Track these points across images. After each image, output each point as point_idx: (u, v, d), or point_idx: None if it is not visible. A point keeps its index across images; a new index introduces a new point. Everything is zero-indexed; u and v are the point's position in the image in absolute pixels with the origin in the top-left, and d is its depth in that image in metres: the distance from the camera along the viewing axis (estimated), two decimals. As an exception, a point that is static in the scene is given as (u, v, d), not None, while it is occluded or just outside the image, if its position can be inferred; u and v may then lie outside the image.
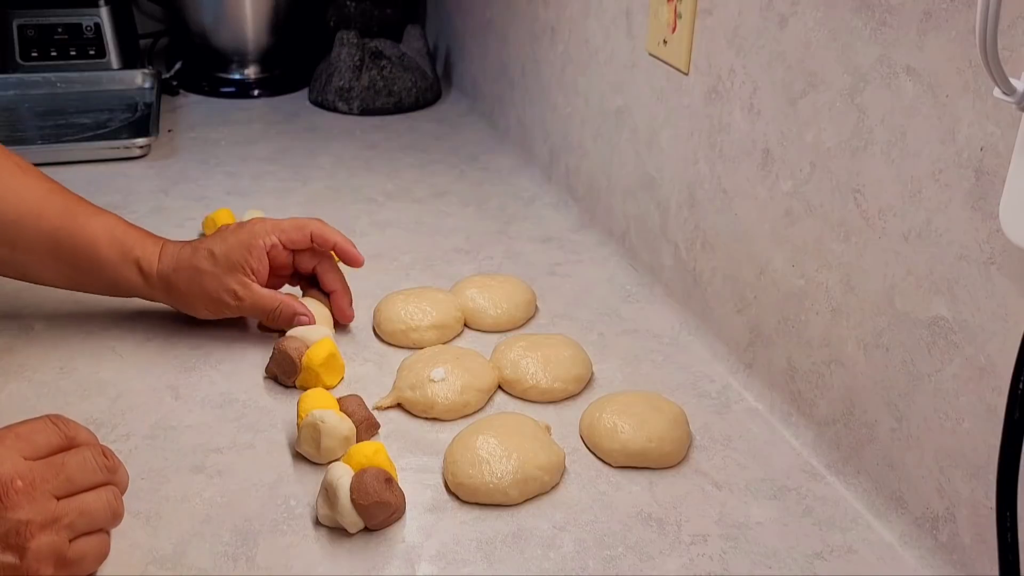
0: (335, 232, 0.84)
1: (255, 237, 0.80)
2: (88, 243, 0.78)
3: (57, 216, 0.78)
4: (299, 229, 0.82)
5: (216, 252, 0.79)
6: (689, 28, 0.84)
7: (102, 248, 0.78)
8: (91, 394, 0.76)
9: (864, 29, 0.64)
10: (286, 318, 0.80)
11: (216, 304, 0.80)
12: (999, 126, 0.54)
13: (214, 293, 0.79)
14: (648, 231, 0.95)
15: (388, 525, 0.64)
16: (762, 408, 0.77)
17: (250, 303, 0.80)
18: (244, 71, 1.53)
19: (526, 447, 0.67)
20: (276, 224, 0.81)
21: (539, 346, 0.80)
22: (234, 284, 0.79)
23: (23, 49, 1.43)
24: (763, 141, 0.76)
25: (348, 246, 0.84)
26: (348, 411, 0.70)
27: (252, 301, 0.80)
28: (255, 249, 0.79)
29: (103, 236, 0.79)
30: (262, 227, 0.81)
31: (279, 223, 0.82)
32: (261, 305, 0.80)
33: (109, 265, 0.79)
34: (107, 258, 0.79)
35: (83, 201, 0.81)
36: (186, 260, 0.79)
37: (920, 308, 0.62)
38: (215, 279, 0.79)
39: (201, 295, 0.80)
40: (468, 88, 1.48)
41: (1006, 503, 0.46)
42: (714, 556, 0.62)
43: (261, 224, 0.81)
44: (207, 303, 0.80)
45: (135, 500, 0.65)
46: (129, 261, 0.79)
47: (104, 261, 0.79)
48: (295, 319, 0.80)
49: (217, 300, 0.79)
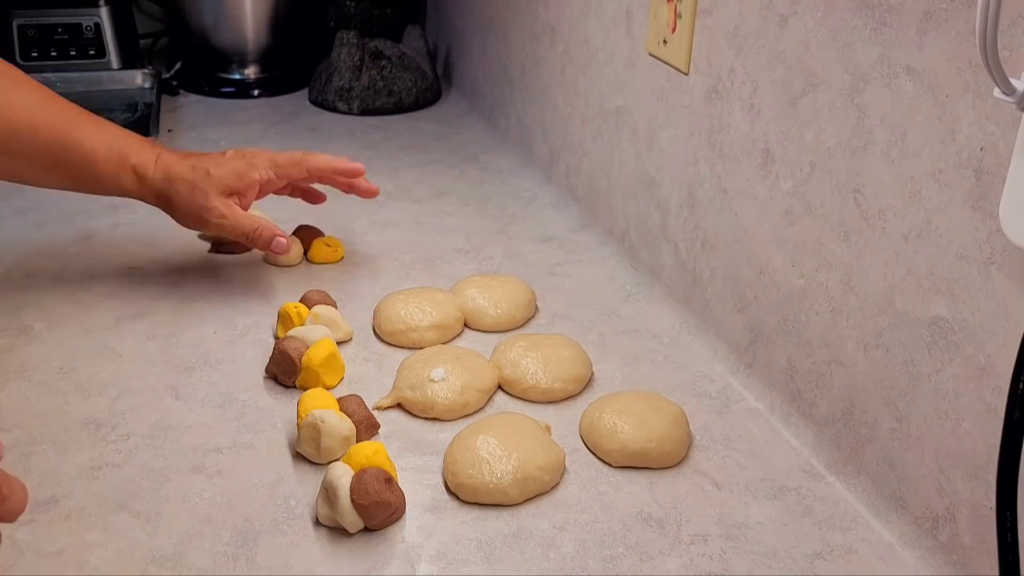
0: (328, 159, 0.90)
1: (252, 170, 0.86)
2: (86, 154, 0.82)
3: (53, 128, 0.81)
4: (295, 164, 0.88)
5: (212, 172, 0.84)
6: (689, 28, 0.84)
7: (99, 158, 0.82)
8: (91, 394, 0.76)
9: (864, 29, 0.64)
10: (264, 240, 0.86)
11: (200, 219, 0.85)
12: (999, 126, 0.54)
13: (200, 208, 0.84)
14: (648, 231, 0.95)
15: (388, 525, 0.64)
16: (762, 408, 0.77)
17: (231, 222, 0.85)
18: (244, 71, 1.53)
19: (526, 447, 0.67)
20: (273, 159, 0.87)
21: (539, 346, 0.80)
22: (219, 204, 0.84)
23: (23, 49, 1.43)
24: (763, 141, 0.76)
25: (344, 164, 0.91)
26: (348, 411, 0.70)
27: (234, 221, 0.85)
28: (248, 180, 0.85)
29: (100, 146, 0.82)
30: (260, 160, 0.87)
31: (276, 157, 0.88)
32: (241, 225, 0.86)
33: (107, 174, 0.83)
34: (104, 168, 0.83)
35: (79, 110, 0.84)
36: (182, 173, 0.84)
37: (920, 308, 0.62)
38: (205, 196, 0.84)
39: (188, 207, 0.84)
40: (468, 88, 1.48)
41: (1006, 503, 0.46)
42: (714, 556, 0.62)
43: (259, 158, 0.87)
44: (192, 214, 0.85)
45: (135, 500, 0.65)
46: (126, 169, 0.83)
47: (102, 171, 0.83)
48: (273, 241, 0.86)
49: (201, 216, 0.85)
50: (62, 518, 0.63)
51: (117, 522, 0.63)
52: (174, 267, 0.96)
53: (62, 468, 0.68)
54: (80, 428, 0.72)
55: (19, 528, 0.62)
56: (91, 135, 0.82)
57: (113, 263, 0.96)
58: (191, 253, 0.98)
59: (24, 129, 0.80)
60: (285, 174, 0.88)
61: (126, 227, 1.03)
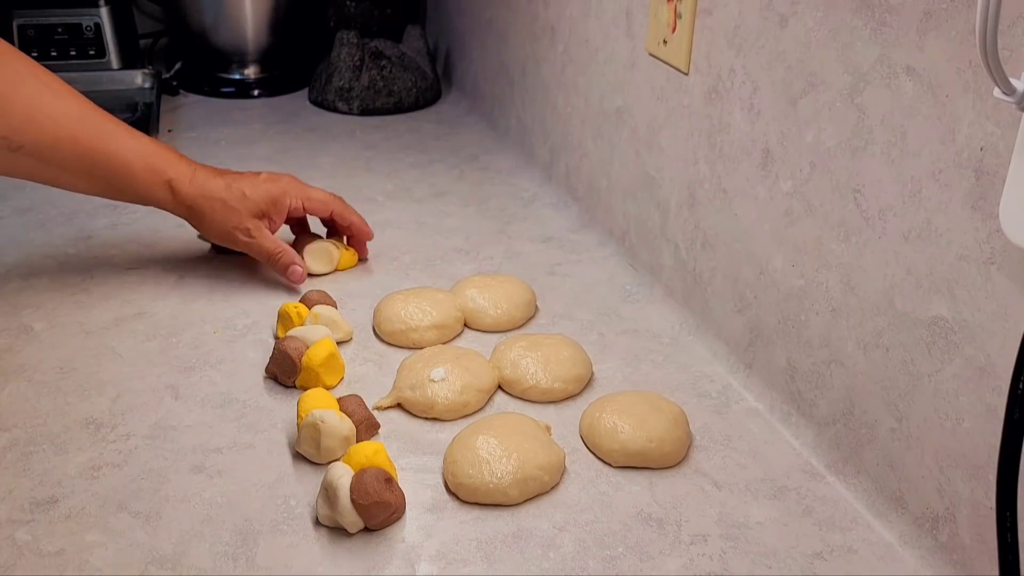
0: (353, 213, 0.96)
1: (285, 196, 0.91)
2: (123, 165, 0.85)
3: (92, 139, 0.84)
4: (324, 204, 0.94)
5: (248, 194, 0.89)
6: (689, 28, 0.84)
7: (136, 170, 0.86)
8: (91, 394, 0.76)
9: (864, 29, 0.64)
10: (283, 266, 0.91)
11: (229, 235, 0.90)
12: (999, 126, 0.54)
13: (231, 227, 0.89)
14: (648, 231, 0.95)
15: (388, 525, 0.64)
16: (762, 408, 0.77)
17: (258, 243, 0.90)
18: (244, 71, 1.53)
19: (526, 447, 0.67)
20: (304, 192, 0.93)
21: (539, 346, 0.80)
22: (250, 225, 0.89)
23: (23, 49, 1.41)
24: (763, 141, 0.76)
25: (363, 225, 0.97)
26: (348, 411, 0.70)
27: (259, 242, 0.90)
28: (280, 207, 0.91)
29: (137, 159, 0.86)
30: (293, 189, 0.92)
31: (308, 192, 0.93)
32: (265, 248, 0.90)
33: (142, 185, 0.87)
34: (141, 179, 0.86)
35: (118, 123, 0.87)
36: (218, 192, 0.88)
37: (920, 308, 0.62)
38: (237, 216, 0.89)
39: (220, 224, 0.89)
40: (468, 88, 1.48)
41: (1006, 503, 0.46)
42: (714, 556, 0.62)
43: (292, 185, 0.92)
44: (221, 232, 0.90)
45: (135, 500, 0.65)
46: (161, 182, 0.87)
47: (138, 181, 0.86)
48: (289, 269, 0.90)
49: (231, 233, 0.90)
50: (62, 518, 0.63)
51: (117, 522, 0.63)
52: (174, 267, 0.96)
53: (62, 468, 0.68)
54: (80, 428, 0.72)
55: (19, 528, 0.62)
56: (129, 147, 0.86)
57: (113, 263, 0.96)
58: (191, 253, 0.98)
59: (65, 139, 0.82)
60: (311, 208, 0.93)
61: (126, 227, 1.03)
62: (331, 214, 0.94)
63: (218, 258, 0.97)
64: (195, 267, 0.96)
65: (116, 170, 0.85)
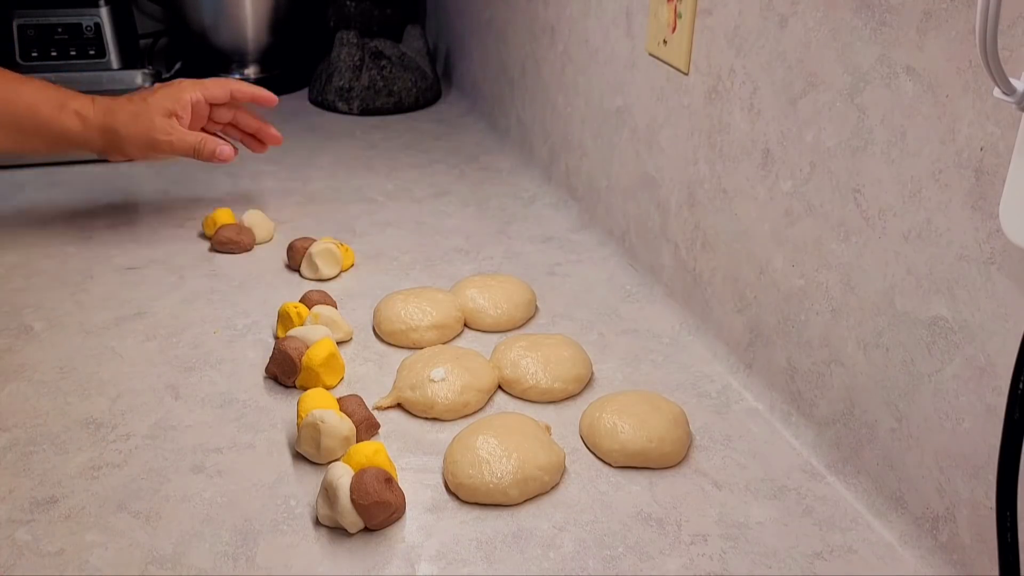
0: (251, 86, 1.00)
1: (182, 91, 0.95)
2: (27, 105, 0.89)
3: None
4: (220, 86, 0.97)
5: (148, 99, 0.93)
6: (689, 28, 0.84)
7: (41, 107, 0.90)
8: (91, 394, 0.76)
9: (864, 29, 0.64)
10: (208, 151, 0.93)
11: (148, 141, 0.92)
12: (999, 126, 0.54)
13: (147, 131, 0.92)
14: (648, 231, 0.95)
15: (388, 525, 0.64)
16: (762, 408, 0.77)
17: (177, 138, 0.93)
18: (244, 71, 1.53)
19: (526, 447, 0.67)
20: (198, 82, 0.96)
21: (539, 346, 0.80)
22: (163, 123, 0.92)
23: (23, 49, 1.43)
24: (763, 141, 0.76)
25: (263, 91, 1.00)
26: (348, 411, 0.70)
27: (179, 137, 0.93)
28: (181, 100, 0.94)
29: (39, 96, 0.90)
30: (187, 84, 0.96)
31: (202, 82, 0.97)
32: (186, 140, 0.93)
33: (51, 120, 0.90)
34: (48, 114, 0.90)
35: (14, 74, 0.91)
36: (121, 106, 0.92)
37: (920, 308, 0.62)
38: (148, 119, 0.92)
39: (135, 134, 0.92)
40: (468, 88, 1.48)
41: (1006, 503, 0.46)
42: (714, 556, 0.62)
43: (187, 82, 0.96)
44: (140, 141, 0.92)
45: (135, 500, 0.65)
46: (68, 112, 0.91)
47: (46, 117, 0.90)
48: (217, 150, 0.93)
49: (149, 137, 0.92)
50: (62, 518, 0.63)
51: (117, 522, 0.63)
52: (174, 267, 0.96)
53: (62, 468, 0.68)
54: (80, 428, 0.72)
55: (19, 528, 0.62)
56: (31, 89, 0.90)
57: (113, 263, 0.96)
58: (191, 253, 0.98)
59: None
60: (211, 94, 0.96)
61: (126, 227, 1.03)
62: (230, 93, 0.97)
63: (218, 258, 0.97)
64: (195, 267, 0.96)
65: (23, 111, 0.89)
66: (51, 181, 1.14)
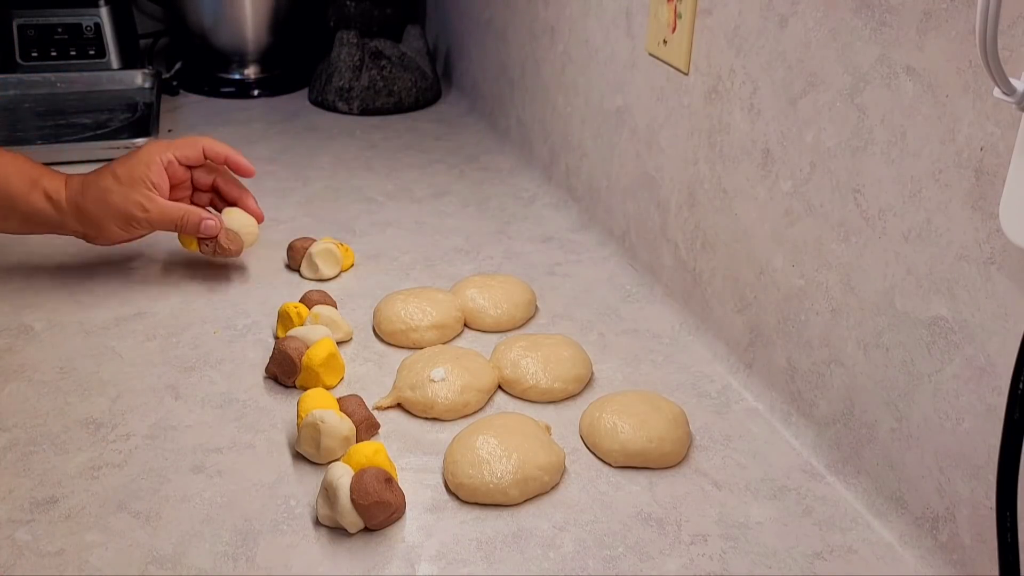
0: (225, 146, 0.91)
1: (152, 155, 0.86)
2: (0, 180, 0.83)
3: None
4: (191, 145, 0.89)
5: (118, 172, 0.85)
6: (689, 28, 0.84)
7: (12, 182, 0.83)
8: (91, 394, 0.76)
9: (864, 29, 0.64)
10: (192, 225, 0.86)
11: (126, 218, 0.85)
12: (999, 126, 0.54)
13: (122, 207, 0.84)
14: (648, 231, 0.95)
15: (388, 525, 0.64)
16: (762, 408, 0.77)
17: (157, 213, 0.86)
18: (244, 71, 1.53)
19: (526, 447, 0.67)
20: (169, 143, 0.88)
21: (539, 346, 0.80)
22: (139, 197, 0.85)
23: (23, 49, 1.43)
24: (763, 141, 0.76)
25: (238, 157, 0.91)
26: (348, 411, 0.70)
27: (159, 211, 0.86)
28: (153, 165, 0.85)
29: (11, 170, 0.84)
30: (157, 147, 0.87)
31: (172, 142, 0.89)
32: (168, 214, 0.86)
33: (20, 197, 0.84)
34: (17, 190, 0.83)
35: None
36: (92, 183, 0.85)
37: (920, 308, 0.62)
38: (121, 195, 0.84)
39: (111, 212, 0.85)
40: (468, 88, 1.48)
41: (1006, 503, 0.46)
42: (714, 556, 0.62)
43: (156, 144, 0.88)
44: (117, 219, 0.85)
45: (135, 500, 0.65)
46: (38, 191, 0.84)
47: (15, 194, 0.83)
48: (201, 224, 0.86)
49: (126, 214, 0.85)
50: (62, 518, 0.63)
51: (117, 522, 0.63)
52: (174, 267, 0.96)
53: (62, 468, 0.68)
54: (80, 428, 0.72)
55: (19, 528, 0.62)
56: (4, 163, 0.84)
57: (113, 263, 0.96)
58: (191, 253, 0.98)
59: None
60: (183, 154, 0.88)
61: (126, 227, 1.03)
62: (202, 150, 0.89)
63: (218, 258, 0.97)
64: (195, 267, 0.96)
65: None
66: (51, 181, 1.14)
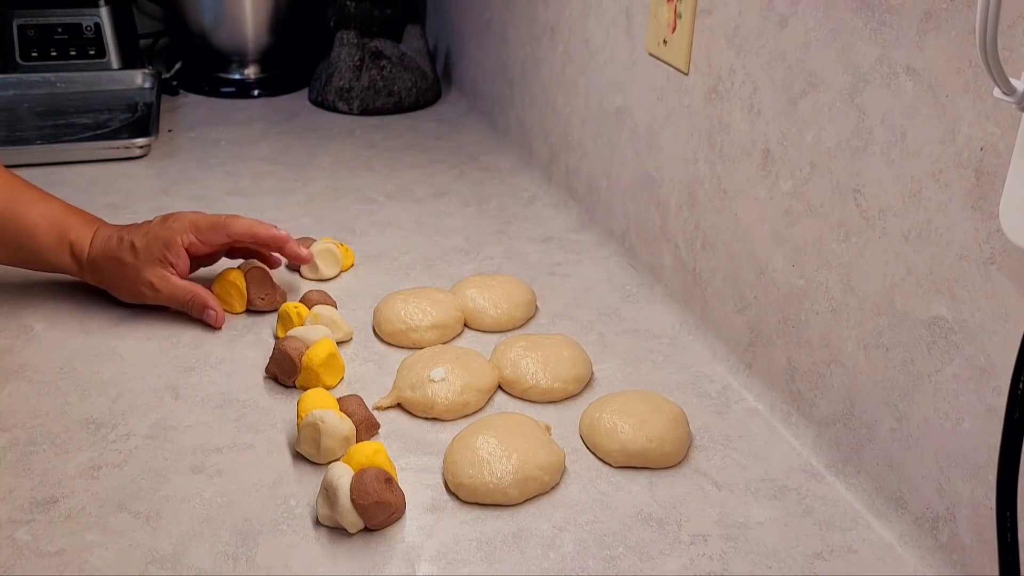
0: (250, 225, 0.86)
1: (174, 234, 0.84)
2: (28, 229, 0.84)
3: (2, 200, 0.83)
4: (215, 229, 0.85)
5: (137, 246, 0.83)
6: (689, 28, 0.84)
7: (40, 234, 0.84)
8: (91, 394, 0.76)
9: (864, 29, 0.64)
10: (197, 310, 0.85)
11: (136, 294, 0.85)
12: (999, 126, 0.54)
13: (133, 283, 0.84)
14: (648, 231, 0.95)
15: (388, 525, 0.64)
16: (762, 408, 0.77)
17: (166, 294, 0.85)
18: (244, 71, 1.53)
19: (526, 447, 0.67)
20: (194, 222, 0.85)
21: (539, 346, 0.80)
22: (152, 277, 0.84)
23: (23, 49, 1.43)
24: (763, 141, 0.76)
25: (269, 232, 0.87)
26: (348, 411, 0.70)
27: (168, 292, 0.84)
28: (173, 246, 0.84)
29: (42, 223, 0.84)
30: (180, 224, 0.84)
31: (196, 221, 0.85)
32: (176, 296, 0.85)
33: (46, 250, 0.85)
34: (45, 244, 0.84)
35: (28, 186, 0.86)
36: (111, 250, 0.84)
37: (920, 308, 0.62)
38: (135, 271, 0.84)
39: (122, 283, 0.85)
40: (468, 88, 1.48)
41: (1006, 503, 0.46)
42: (714, 556, 0.62)
43: (180, 221, 0.85)
44: (127, 291, 0.86)
45: (135, 500, 0.65)
46: (64, 246, 0.85)
47: (42, 246, 0.84)
48: (204, 312, 0.85)
49: (135, 290, 0.85)
50: (62, 518, 0.63)
51: (117, 522, 0.63)
52: (174, 267, 0.95)
53: (62, 468, 0.68)
54: (80, 428, 0.72)
55: (19, 528, 0.62)
56: (36, 210, 0.84)
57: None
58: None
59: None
60: (206, 239, 0.85)
61: (126, 227, 1.03)
62: (227, 236, 0.85)
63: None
64: (195, 267, 0.96)
65: (23, 233, 0.83)
66: (51, 181, 1.13)
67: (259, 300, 0.87)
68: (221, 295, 0.87)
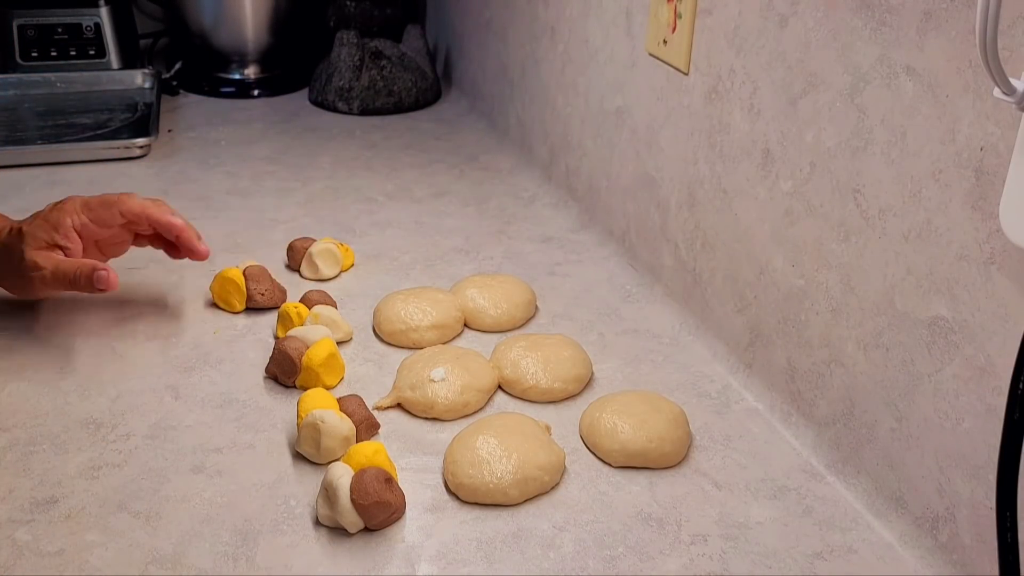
0: (144, 205, 0.83)
1: (64, 215, 0.80)
2: None
3: None
4: (107, 206, 0.81)
5: (24, 231, 0.80)
6: (689, 28, 0.84)
7: None
8: (91, 394, 0.76)
9: (864, 29, 0.64)
10: (86, 278, 0.79)
11: (22, 279, 0.80)
12: (999, 126, 0.54)
13: (18, 267, 0.80)
14: (648, 231, 0.95)
15: (388, 525, 0.64)
16: (762, 408, 0.77)
17: (50, 271, 0.79)
18: (244, 71, 1.53)
19: (526, 447, 0.67)
20: (85, 202, 0.81)
21: (539, 346, 0.80)
22: (37, 259, 0.79)
23: (23, 49, 1.43)
24: (763, 141, 0.76)
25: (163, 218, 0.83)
26: (348, 411, 0.70)
27: (52, 269, 0.79)
28: (62, 227, 0.80)
29: None
30: (72, 205, 0.81)
31: (88, 200, 0.82)
32: (62, 270, 0.79)
33: None
34: None
35: None
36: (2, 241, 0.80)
37: (920, 308, 0.62)
38: (18, 257, 0.79)
39: (9, 271, 0.81)
40: (468, 88, 1.48)
41: (1006, 503, 0.46)
42: (714, 556, 0.62)
43: (72, 202, 0.81)
44: (15, 279, 0.81)
45: (135, 500, 0.65)
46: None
47: None
48: (95, 276, 0.79)
49: (21, 275, 0.80)
50: (62, 518, 0.63)
51: (117, 522, 0.63)
52: (174, 267, 0.95)
53: (62, 468, 0.68)
54: (80, 428, 0.72)
55: (19, 528, 0.62)
56: None
57: (113, 263, 0.95)
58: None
59: None
60: (98, 217, 0.81)
61: (126, 227, 1.03)
62: (120, 214, 0.82)
63: (218, 258, 0.97)
64: (195, 267, 0.96)
65: None
66: (51, 181, 1.14)
67: (259, 296, 0.87)
68: (220, 294, 0.88)
